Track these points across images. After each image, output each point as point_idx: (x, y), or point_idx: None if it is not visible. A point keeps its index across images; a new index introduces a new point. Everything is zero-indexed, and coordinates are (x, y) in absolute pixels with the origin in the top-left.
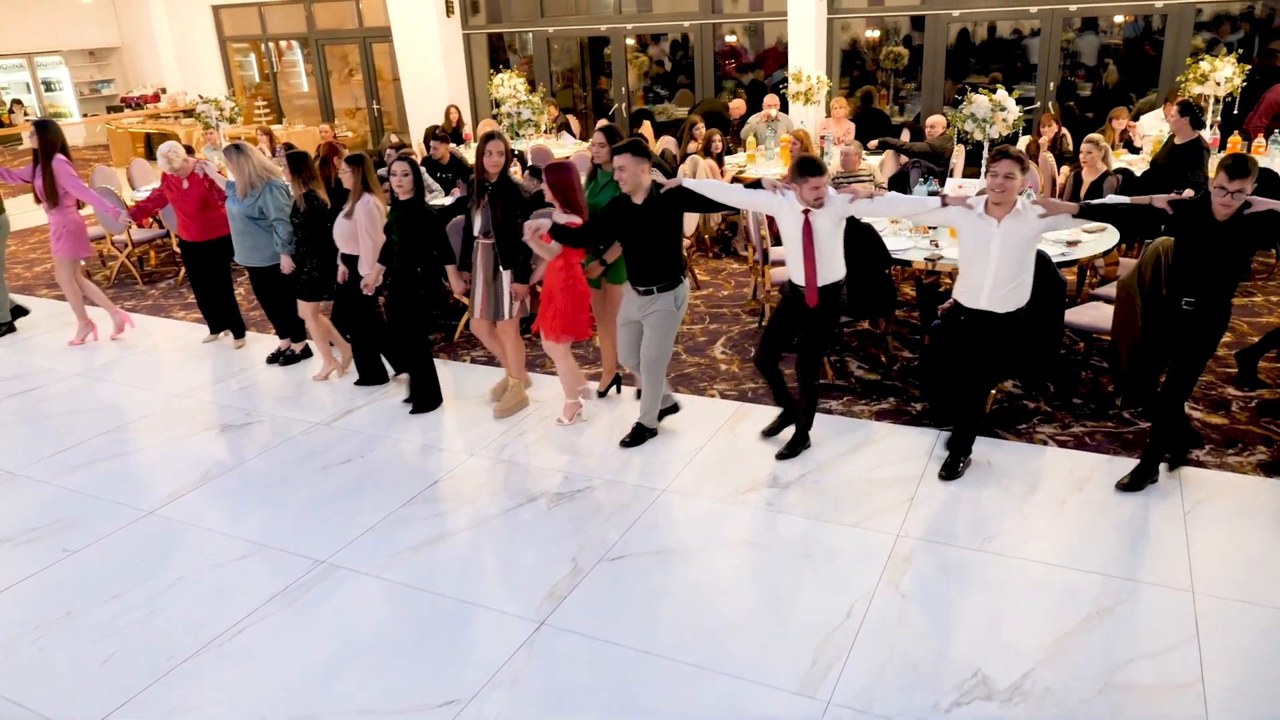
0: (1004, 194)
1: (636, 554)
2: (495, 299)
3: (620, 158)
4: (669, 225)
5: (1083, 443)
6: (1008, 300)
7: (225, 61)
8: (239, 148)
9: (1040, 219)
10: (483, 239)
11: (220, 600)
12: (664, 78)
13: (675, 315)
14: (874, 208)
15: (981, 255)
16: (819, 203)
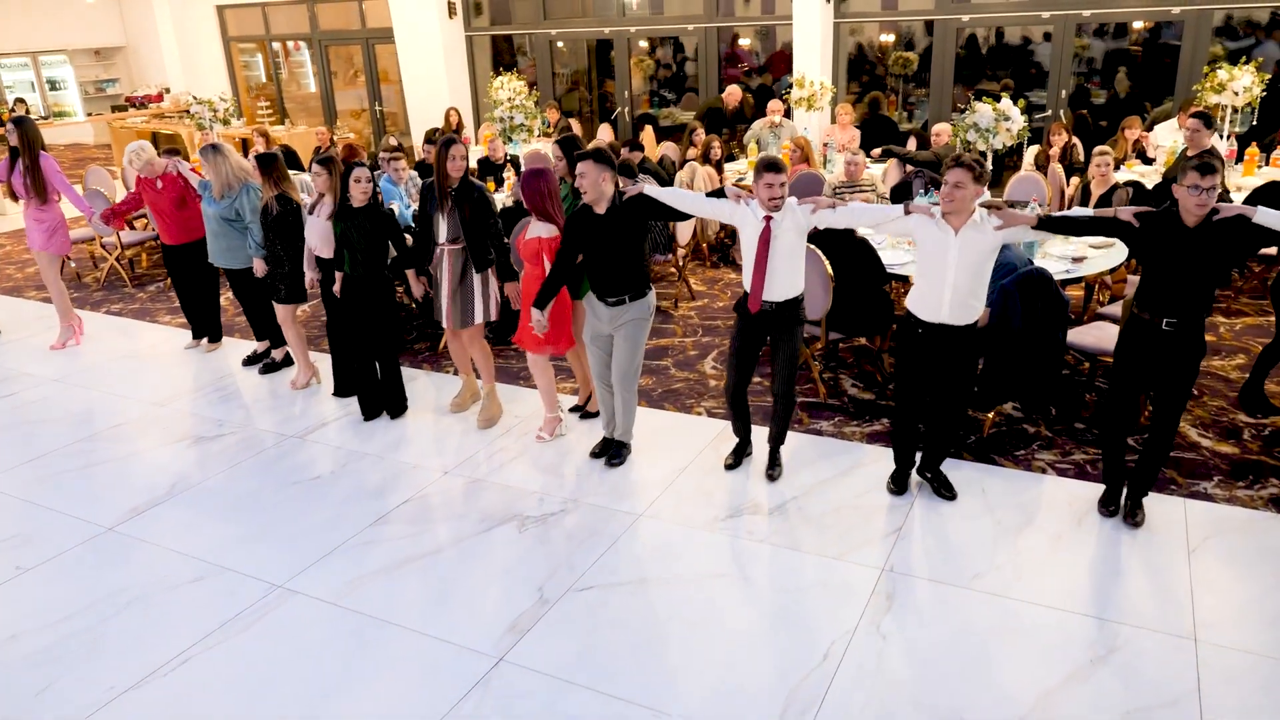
0: (954, 203)
1: (606, 585)
2: (462, 305)
3: (582, 164)
4: (634, 233)
5: (1084, 471)
6: (965, 313)
7: (229, 61)
8: (216, 148)
9: (996, 230)
10: (449, 245)
11: (170, 626)
12: (671, 81)
13: (646, 323)
14: (836, 218)
15: (939, 266)
16: (775, 205)
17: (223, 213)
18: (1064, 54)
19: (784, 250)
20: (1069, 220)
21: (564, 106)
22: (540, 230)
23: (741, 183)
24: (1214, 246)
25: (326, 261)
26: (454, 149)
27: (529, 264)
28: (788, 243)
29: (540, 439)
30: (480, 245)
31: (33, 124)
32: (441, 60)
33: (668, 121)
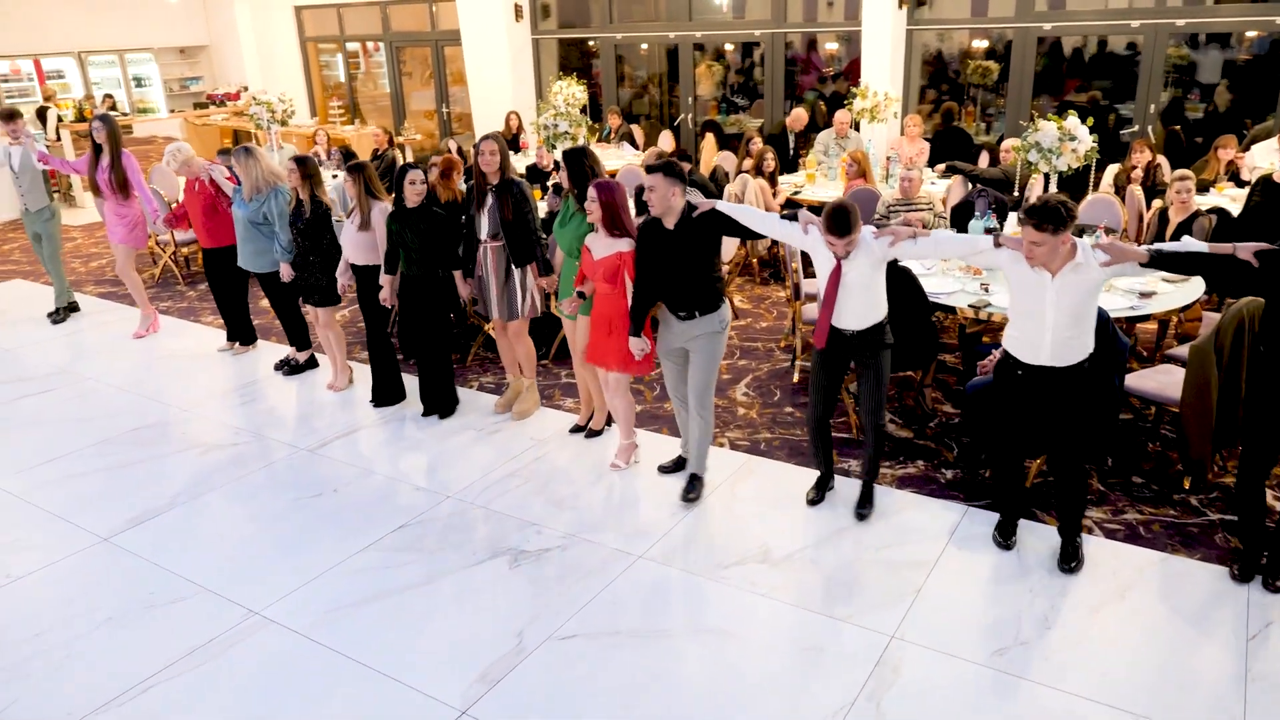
0: (1036, 259)
1: (590, 634)
2: (509, 299)
3: (651, 178)
4: (705, 248)
5: (1136, 534)
6: (1070, 353)
7: (305, 61)
8: (248, 150)
9: (1103, 267)
10: (490, 242)
11: (140, 649)
12: (743, 88)
13: (721, 335)
14: (919, 250)
15: (1035, 308)
16: (847, 254)
17: (251, 216)
18: (1154, 65)
19: (858, 284)
20: (1181, 257)
21: (634, 111)
22: (620, 245)
23: (799, 196)
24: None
25: (361, 268)
26: (485, 144)
27: (606, 283)
28: (862, 276)
29: (615, 467)
30: (519, 241)
31: (115, 121)
32: (507, 63)
33: (733, 129)
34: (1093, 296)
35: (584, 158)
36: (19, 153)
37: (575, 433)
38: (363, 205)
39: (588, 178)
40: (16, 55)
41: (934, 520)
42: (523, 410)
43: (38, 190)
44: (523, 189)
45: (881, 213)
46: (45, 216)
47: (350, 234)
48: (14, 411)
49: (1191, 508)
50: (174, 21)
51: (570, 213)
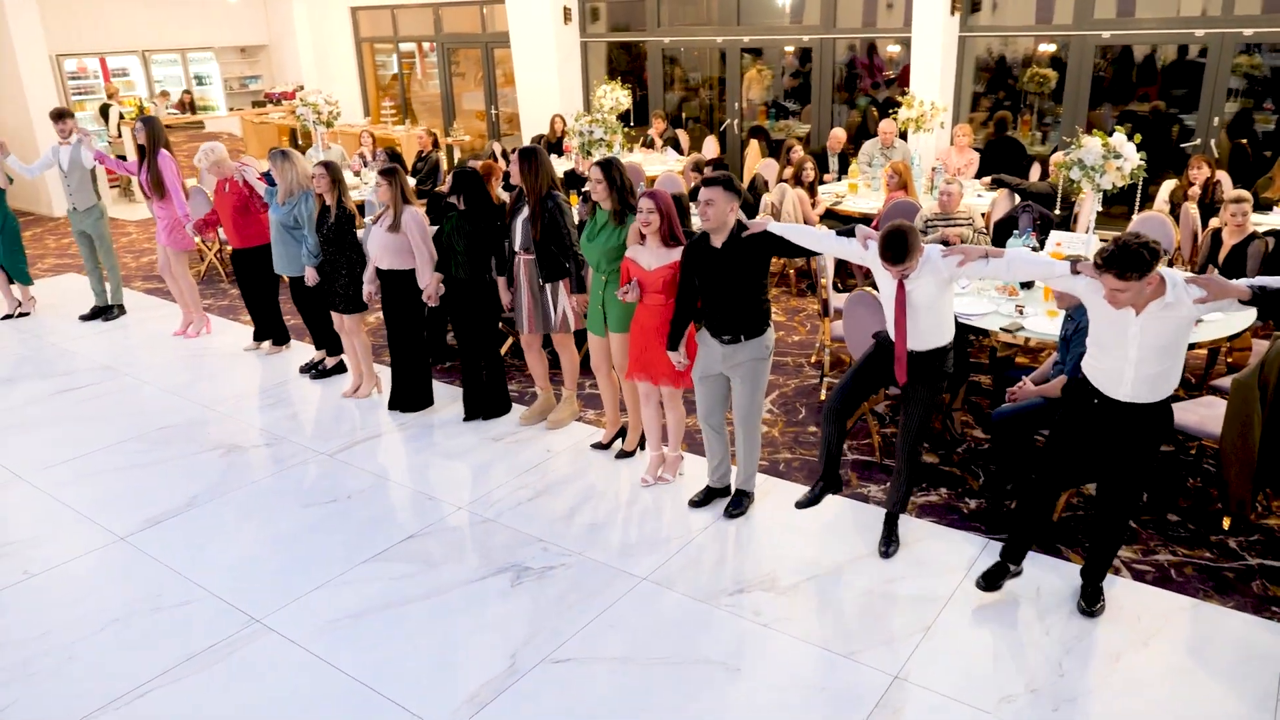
0: (1120, 304)
1: (583, 658)
2: (543, 312)
3: (711, 190)
4: (754, 270)
5: (1166, 576)
6: (1154, 390)
7: (359, 61)
8: (285, 154)
9: (1197, 303)
10: (523, 254)
11: (141, 652)
12: (796, 92)
13: (767, 361)
14: (990, 270)
15: (1117, 342)
16: (905, 276)
17: (283, 219)
18: (1218, 76)
19: (923, 305)
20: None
21: (684, 114)
22: (674, 255)
23: (839, 207)
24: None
25: (386, 272)
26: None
27: (661, 294)
28: (927, 296)
29: (645, 483)
30: (549, 257)
31: (158, 123)
32: (554, 65)
33: (781, 135)
34: (1183, 333)
35: (613, 168)
36: (67, 152)
37: (597, 449)
38: (396, 208)
39: (625, 190)
40: (83, 54)
41: (952, 553)
42: (557, 419)
43: (86, 189)
44: (559, 204)
45: (920, 226)
46: (95, 216)
47: (378, 237)
48: (52, 407)
49: (1229, 551)
50: (235, 21)
51: (600, 225)
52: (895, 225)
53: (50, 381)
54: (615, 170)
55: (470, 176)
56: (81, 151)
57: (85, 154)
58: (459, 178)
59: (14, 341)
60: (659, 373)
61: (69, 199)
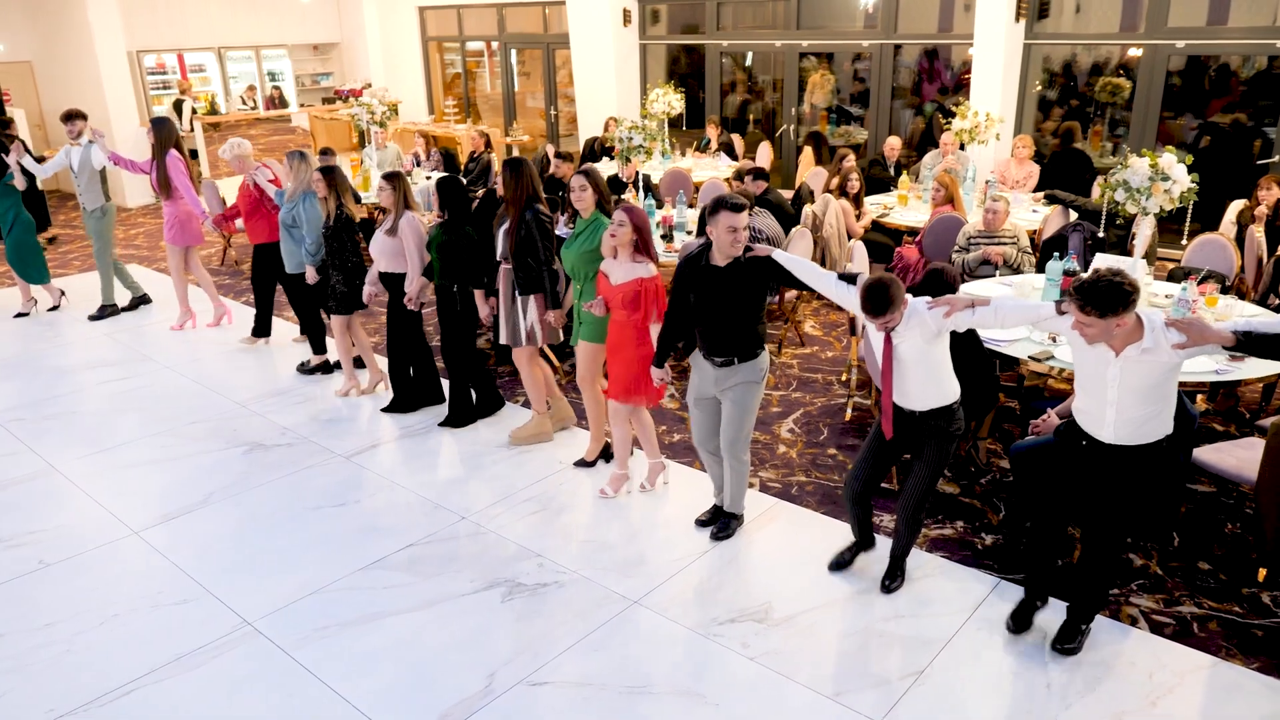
0: (1089, 340)
1: (561, 682)
2: (513, 324)
3: (743, 216)
4: (753, 293)
5: (1188, 630)
6: (1138, 434)
7: (425, 60)
8: (302, 155)
9: (1175, 348)
10: (504, 263)
11: (133, 649)
12: (862, 97)
13: (758, 387)
14: (978, 320)
15: (1097, 383)
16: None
17: (283, 217)
18: None
19: (911, 359)
20: (1274, 341)
21: (745, 117)
22: (640, 271)
23: (886, 219)
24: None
25: (386, 275)
26: (506, 175)
27: (625, 310)
28: (915, 349)
29: (604, 494)
30: (524, 268)
31: (169, 126)
32: (612, 68)
33: (840, 140)
34: (1167, 380)
35: (597, 177)
36: (78, 153)
37: (579, 466)
38: (397, 212)
39: (604, 198)
40: (162, 50)
41: (959, 592)
42: (519, 436)
43: (95, 190)
44: (538, 216)
45: (961, 244)
46: (98, 216)
47: (379, 239)
48: (94, 398)
49: (1261, 606)
50: (308, 19)
51: (578, 231)
52: (876, 277)
53: (92, 373)
54: (595, 179)
55: (453, 187)
56: (93, 153)
57: (97, 155)
58: (442, 188)
59: (64, 332)
60: (620, 388)
61: (80, 198)
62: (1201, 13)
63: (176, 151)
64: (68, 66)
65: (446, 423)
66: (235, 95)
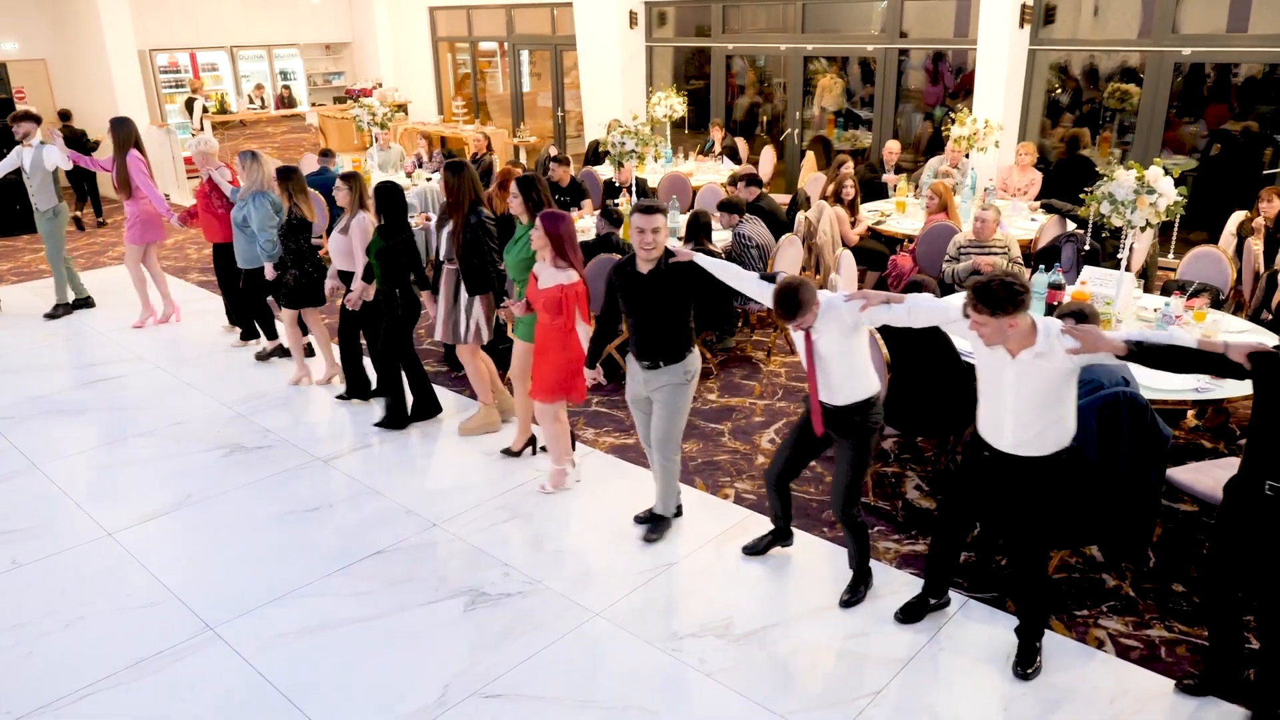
0: (985, 340)
1: (515, 694)
2: (454, 323)
3: (657, 218)
4: (679, 299)
5: (1155, 655)
6: (1038, 443)
7: (435, 60)
8: (254, 155)
9: (1070, 353)
10: (447, 264)
11: (94, 653)
12: (873, 101)
13: (686, 389)
14: (892, 316)
15: (995, 389)
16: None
17: (235, 216)
18: None
19: (830, 354)
20: (1164, 351)
21: (751, 121)
22: (561, 277)
23: (883, 226)
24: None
25: (341, 272)
26: (447, 176)
27: (547, 314)
28: (834, 345)
29: (544, 490)
30: (471, 270)
31: (128, 125)
32: (618, 69)
33: (846, 145)
34: (1063, 386)
35: (533, 187)
36: (30, 154)
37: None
38: (351, 212)
39: (539, 205)
40: (175, 48)
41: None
42: (467, 428)
43: (47, 191)
44: (481, 220)
45: (952, 254)
46: (49, 217)
47: (334, 239)
48: (81, 396)
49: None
50: (320, 19)
51: (517, 238)
52: (786, 282)
53: (85, 371)
54: (533, 190)
55: (390, 192)
56: (45, 153)
57: (50, 156)
58: (379, 193)
59: (59, 332)
60: (544, 389)
61: (32, 199)
62: (1219, 19)
63: (137, 151)
64: (80, 65)
65: (382, 424)
66: (246, 94)
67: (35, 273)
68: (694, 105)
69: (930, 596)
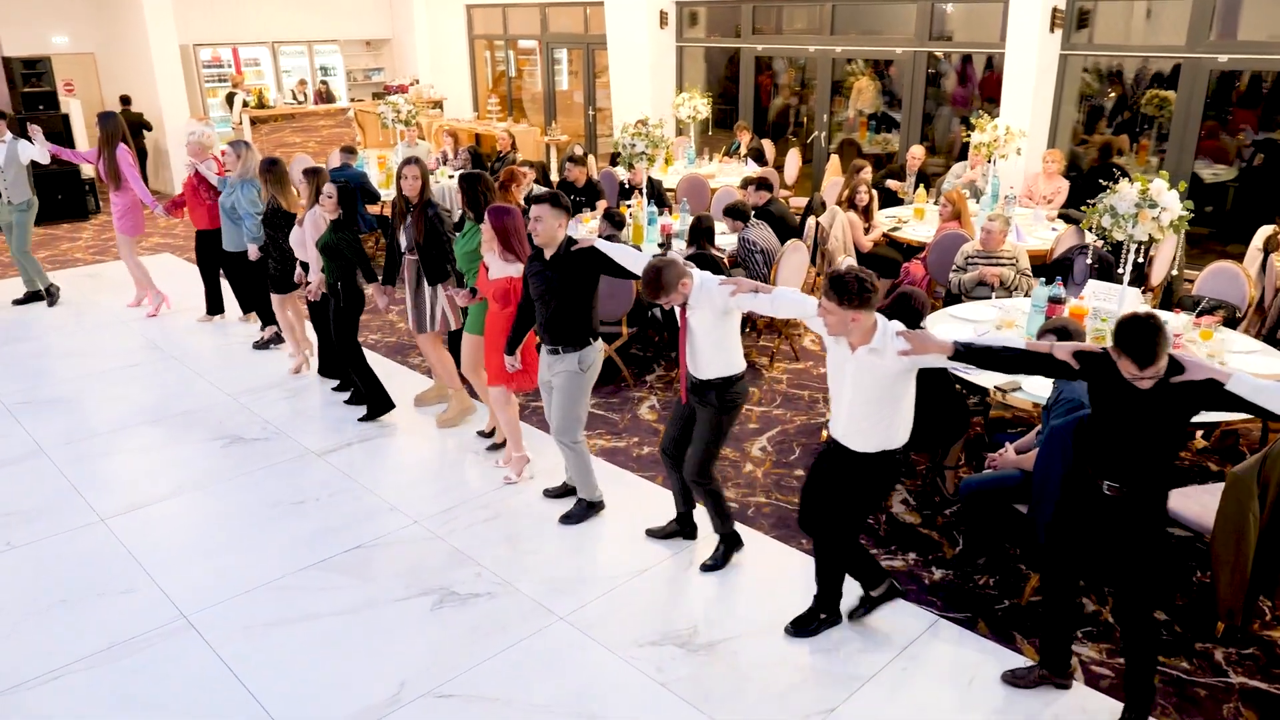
0: (830, 329)
1: (468, 695)
2: (419, 312)
3: (538, 208)
4: (579, 285)
5: None
6: (860, 439)
7: (471, 57)
8: (247, 145)
9: (901, 355)
10: (408, 255)
11: (69, 636)
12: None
13: (580, 378)
14: (756, 304)
15: (837, 380)
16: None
17: (222, 201)
18: None
19: (700, 331)
20: (990, 353)
21: (787, 121)
22: (510, 270)
23: (898, 233)
24: (1170, 412)
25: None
26: (407, 169)
27: (497, 303)
28: (704, 323)
29: (508, 481)
30: (431, 259)
31: (116, 119)
32: (647, 69)
33: (877, 149)
34: (895, 386)
35: (477, 184)
36: (3, 149)
37: (481, 437)
38: (307, 205)
39: (480, 203)
40: (218, 44)
41: (894, 627)
42: (445, 420)
43: (21, 184)
44: (438, 212)
45: (959, 264)
46: (22, 208)
47: (295, 230)
48: (92, 384)
49: (1213, 664)
50: (360, 15)
51: (466, 232)
52: (653, 263)
53: (98, 360)
54: (477, 187)
55: (345, 191)
56: (21, 147)
57: (27, 150)
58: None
59: (79, 322)
60: (489, 374)
61: (5, 192)
62: (1261, 26)
63: (125, 145)
64: (126, 59)
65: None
66: (287, 89)
67: (69, 260)
68: (728, 106)
69: (821, 612)
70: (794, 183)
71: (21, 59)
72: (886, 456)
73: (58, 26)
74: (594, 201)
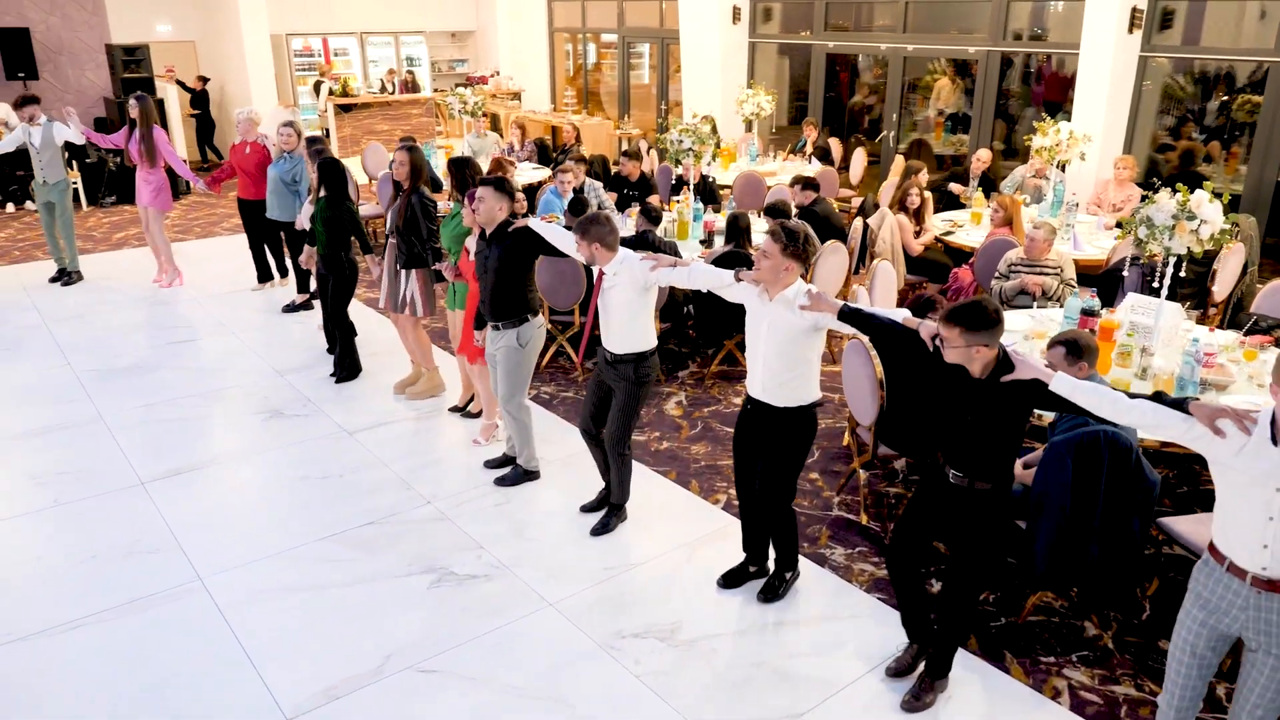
0: (760, 273)
1: (448, 671)
2: (396, 293)
3: (482, 189)
4: (513, 261)
5: (1113, 713)
6: (782, 394)
7: (551, 50)
8: (294, 124)
9: (802, 310)
10: (391, 238)
11: (94, 589)
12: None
13: (519, 353)
14: (674, 278)
15: (754, 335)
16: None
17: (282, 175)
18: None
19: (616, 303)
20: (865, 318)
21: (853, 122)
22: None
23: (951, 238)
24: (1002, 404)
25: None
26: (398, 155)
27: (474, 281)
28: (623, 294)
29: (477, 443)
30: (408, 246)
31: (150, 101)
32: (718, 64)
33: (950, 150)
34: (803, 341)
35: (465, 167)
36: (39, 132)
37: (453, 412)
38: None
39: (467, 185)
40: (309, 34)
41: (881, 637)
42: (416, 393)
43: (56, 165)
44: (423, 201)
45: (1002, 271)
46: (61, 188)
47: (304, 208)
48: (159, 356)
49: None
50: (446, 7)
51: (452, 216)
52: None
53: (163, 333)
54: (465, 171)
55: (332, 168)
56: (55, 129)
57: (62, 131)
58: (323, 169)
59: (147, 298)
60: (470, 351)
61: (40, 173)
62: None
63: (159, 126)
64: (223, 46)
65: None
66: (374, 78)
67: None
68: (803, 103)
69: (750, 566)
70: (859, 182)
71: (123, 46)
72: (805, 411)
73: (162, 15)
74: (645, 196)
